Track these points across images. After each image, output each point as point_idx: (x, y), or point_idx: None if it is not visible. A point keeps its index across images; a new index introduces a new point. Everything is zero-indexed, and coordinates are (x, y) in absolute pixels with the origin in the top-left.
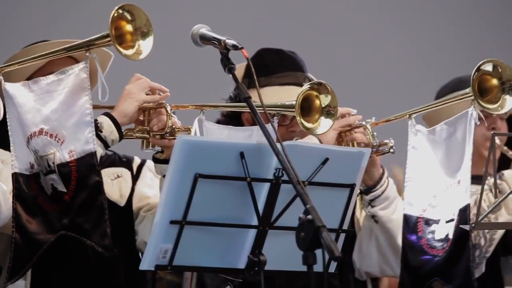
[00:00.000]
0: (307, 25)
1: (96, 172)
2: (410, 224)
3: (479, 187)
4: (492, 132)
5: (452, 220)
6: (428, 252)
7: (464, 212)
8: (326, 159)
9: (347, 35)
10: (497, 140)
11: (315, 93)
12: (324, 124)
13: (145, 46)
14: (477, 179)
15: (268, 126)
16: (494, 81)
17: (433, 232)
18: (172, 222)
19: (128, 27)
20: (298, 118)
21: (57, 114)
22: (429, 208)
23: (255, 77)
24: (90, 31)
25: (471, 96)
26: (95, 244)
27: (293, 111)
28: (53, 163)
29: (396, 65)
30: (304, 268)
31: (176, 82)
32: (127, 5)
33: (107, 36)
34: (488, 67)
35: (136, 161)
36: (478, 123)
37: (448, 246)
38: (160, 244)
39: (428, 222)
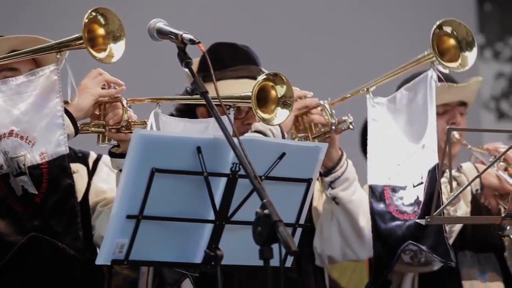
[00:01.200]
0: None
1: (67, 175)
2: (376, 193)
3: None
4: (448, 127)
5: (421, 183)
6: (398, 218)
7: (433, 172)
8: (283, 154)
9: (300, 21)
10: (456, 135)
11: (270, 83)
12: (280, 115)
13: (117, 49)
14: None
15: (224, 118)
16: (451, 41)
17: (401, 198)
18: (128, 216)
19: (101, 31)
20: (255, 109)
21: (28, 116)
22: (394, 176)
23: (212, 71)
24: (61, 33)
25: (432, 57)
26: (67, 247)
27: (249, 102)
28: (24, 165)
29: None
30: (261, 263)
31: (132, 76)
32: (101, 9)
33: (79, 38)
34: (446, 29)
35: (92, 156)
36: (439, 84)
37: (420, 209)
38: (117, 239)
39: (394, 189)
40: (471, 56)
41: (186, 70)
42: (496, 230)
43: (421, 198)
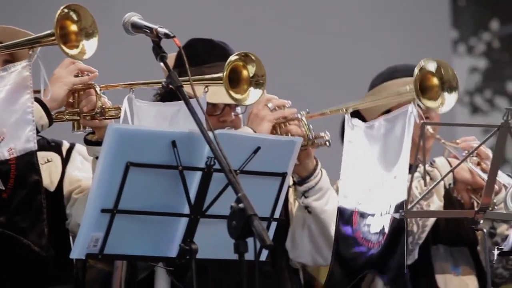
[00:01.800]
0: (239, 15)
1: (35, 171)
2: (345, 216)
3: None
4: (422, 121)
5: (388, 213)
6: (363, 244)
7: (400, 208)
8: (258, 148)
9: (281, 27)
10: (430, 129)
11: (241, 63)
12: (253, 95)
13: (90, 46)
14: (411, 168)
15: (194, 101)
16: (435, 80)
17: (368, 225)
18: (103, 210)
19: (73, 27)
20: (227, 89)
21: None
22: (364, 202)
23: (187, 66)
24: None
25: (413, 94)
26: (32, 243)
27: (221, 83)
28: None
29: (331, 58)
30: (235, 257)
31: (105, 64)
32: (73, 5)
33: (52, 35)
34: (431, 67)
35: (65, 145)
36: (418, 121)
37: (384, 239)
38: (91, 233)
39: (363, 215)
40: (451, 98)
41: (162, 65)
42: (470, 224)
43: (386, 229)
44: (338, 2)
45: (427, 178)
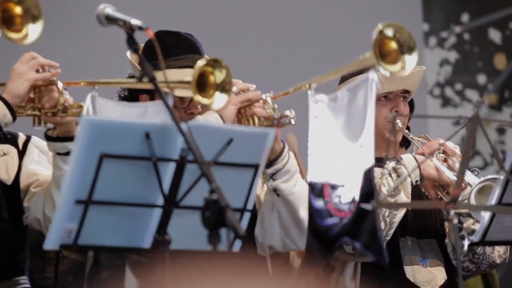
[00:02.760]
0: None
1: None
2: (316, 190)
3: (379, 170)
4: (393, 113)
5: (358, 182)
6: (336, 215)
7: (368, 173)
8: (231, 140)
9: (244, 12)
10: (399, 123)
11: (210, 69)
12: (219, 99)
13: (34, 30)
14: (380, 162)
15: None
16: (393, 44)
17: (339, 196)
18: (77, 201)
19: (17, 10)
20: (194, 94)
21: None
22: (334, 174)
23: (160, 57)
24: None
25: (373, 59)
26: None
27: (189, 88)
28: None
29: (301, 49)
30: (209, 247)
31: (68, 59)
32: None
33: None
34: (388, 31)
35: (21, 137)
36: (380, 87)
37: (355, 207)
38: (65, 224)
39: (334, 187)
40: (411, 59)
41: (130, 57)
42: (439, 216)
43: (356, 198)
44: None
45: (394, 175)
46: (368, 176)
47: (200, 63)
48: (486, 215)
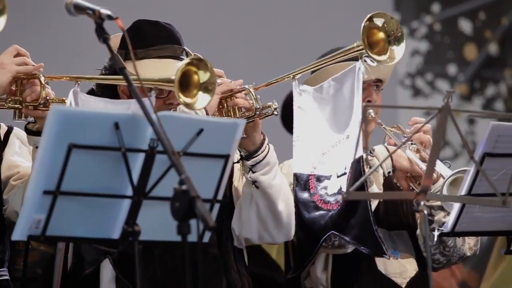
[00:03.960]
0: None
1: None
2: (301, 182)
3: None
4: (364, 104)
5: (344, 173)
6: (322, 207)
7: (358, 164)
8: (201, 130)
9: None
10: (372, 113)
11: (194, 68)
12: (202, 99)
13: None
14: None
15: (146, 101)
16: (381, 34)
17: (325, 187)
18: (45, 192)
19: None
20: (177, 93)
21: None
22: (319, 165)
23: (130, 49)
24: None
25: (361, 49)
26: None
27: (172, 86)
28: None
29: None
30: (179, 238)
31: (50, 53)
32: None
33: None
34: (377, 21)
35: (3, 127)
36: (366, 76)
37: (343, 199)
38: (33, 215)
39: (319, 179)
40: (399, 50)
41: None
42: (410, 208)
43: (344, 189)
44: None
45: (367, 167)
46: (358, 166)
47: (184, 62)
48: (456, 206)
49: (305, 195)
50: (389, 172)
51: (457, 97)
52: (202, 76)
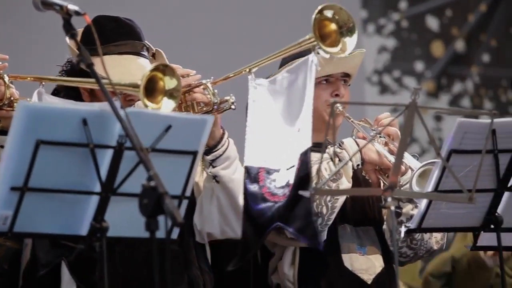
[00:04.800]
0: None
1: None
2: (252, 175)
3: (318, 154)
4: (332, 99)
5: (293, 166)
6: (269, 200)
7: (305, 156)
8: (169, 126)
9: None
10: (340, 107)
11: (160, 74)
12: (166, 105)
13: None
14: (319, 147)
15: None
16: (332, 26)
17: (274, 180)
18: (12, 188)
19: None
20: (142, 98)
21: None
22: (270, 158)
23: (98, 44)
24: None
25: (313, 41)
26: None
27: (137, 91)
28: None
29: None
30: (146, 234)
31: (14, 52)
32: None
33: None
34: (327, 13)
35: None
36: (319, 68)
37: (289, 191)
38: (0, 211)
39: (269, 172)
40: (351, 41)
41: (69, 42)
42: (377, 203)
43: (291, 182)
44: None
45: (336, 159)
46: (305, 159)
47: (151, 68)
48: (423, 202)
49: (254, 187)
50: (358, 165)
51: (424, 94)
52: (168, 83)
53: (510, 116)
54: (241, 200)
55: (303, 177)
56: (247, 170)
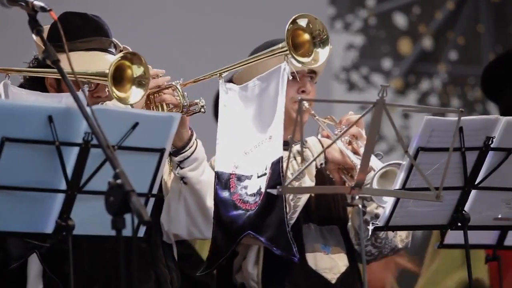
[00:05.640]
0: None
1: None
2: (222, 181)
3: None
4: (299, 97)
5: (265, 174)
6: (241, 207)
7: (277, 165)
8: (136, 124)
9: None
10: (306, 104)
11: (127, 63)
12: (135, 94)
13: None
14: (286, 145)
15: (80, 94)
16: (306, 36)
17: (245, 187)
18: None
19: None
20: (111, 87)
21: None
22: (241, 165)
23: (64, 41)
24: None
25: (286, 50)
26: None
27: (105, 80)
28: None
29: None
30: (113, 233)
31: None
32: None
33: None
34: (301, 22)
35: None
36: (291, 77)
37: (261, 200)
38: None
39: (240, 178)
40: (323, 52)
41: (35, 38)
42: (341, 202)
43: (263, 190)
44: None
45: (299, 158)
46: (276, 168)
47: (118, 56)
48: (390, 200)
49: (225, 194)
50: (321, 164)
51: (392, 91)
52: (136, 71)
53: (477, 114)
54: (208, 202)
55: (275, 186)
56: (218, 176)
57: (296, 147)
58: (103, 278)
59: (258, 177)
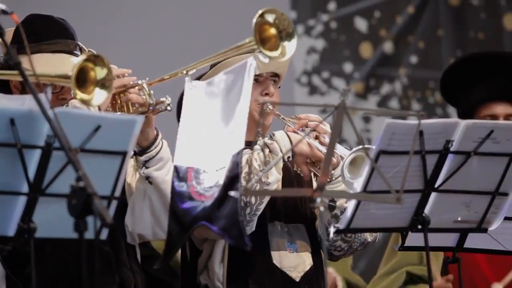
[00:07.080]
0: None
1: None
2: (180, 174)
3: (249, 151)
4: (261, 99)
5: (223, 168)
6: (196, 199)
7: (236, 156)
8: (99, 126)
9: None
10: (270, 106)
11: (91, 65)
12: (98, 96)
13: None
14: (250, 145)
15: (42, 96)
16: (272, 30)
17: (203, 180)
18: None
19: None
20: (74, 89)
21: None
22: (200, 159)
23: (26, 43)
24: None
25: (253, 45)
26: None
27: (69, 82)
28: None
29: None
30: (75, 235)
31: None
32: None
33: None
34: (268, 17)
35: None
36: (258, 72)
37: (218, 191)
38: None
39: (198, 171)
40: (290, 46)
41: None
42: (308, 200)
43: (221, 182)
44: None
45: (266, 150)
46: (236, 160)
47: (81, 58)
48: (351, 203)
49: (182, 186)
50: (288, 157)
51: (353, 95)
52: (99, 73)
53: (438, 118)
54: None
55: (233, 177)
56: (176, 169)
57: (264, 140)
58: (66, 281)
59: (216, 170)
